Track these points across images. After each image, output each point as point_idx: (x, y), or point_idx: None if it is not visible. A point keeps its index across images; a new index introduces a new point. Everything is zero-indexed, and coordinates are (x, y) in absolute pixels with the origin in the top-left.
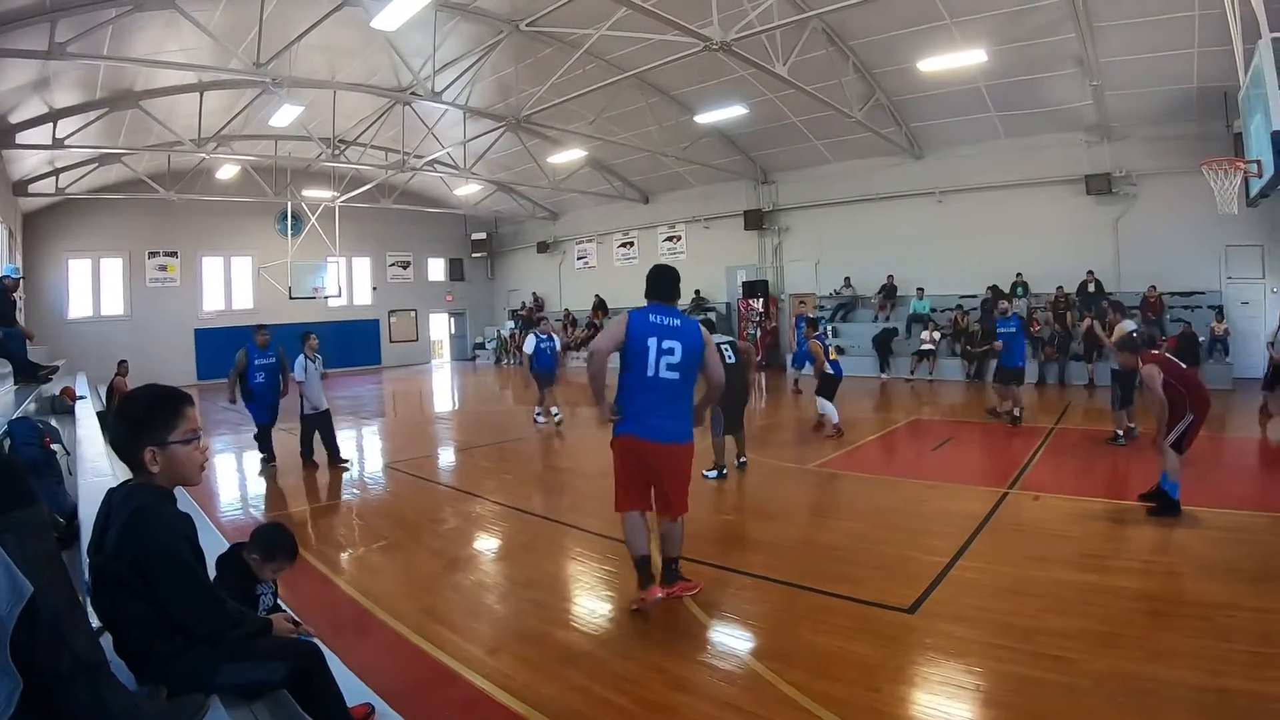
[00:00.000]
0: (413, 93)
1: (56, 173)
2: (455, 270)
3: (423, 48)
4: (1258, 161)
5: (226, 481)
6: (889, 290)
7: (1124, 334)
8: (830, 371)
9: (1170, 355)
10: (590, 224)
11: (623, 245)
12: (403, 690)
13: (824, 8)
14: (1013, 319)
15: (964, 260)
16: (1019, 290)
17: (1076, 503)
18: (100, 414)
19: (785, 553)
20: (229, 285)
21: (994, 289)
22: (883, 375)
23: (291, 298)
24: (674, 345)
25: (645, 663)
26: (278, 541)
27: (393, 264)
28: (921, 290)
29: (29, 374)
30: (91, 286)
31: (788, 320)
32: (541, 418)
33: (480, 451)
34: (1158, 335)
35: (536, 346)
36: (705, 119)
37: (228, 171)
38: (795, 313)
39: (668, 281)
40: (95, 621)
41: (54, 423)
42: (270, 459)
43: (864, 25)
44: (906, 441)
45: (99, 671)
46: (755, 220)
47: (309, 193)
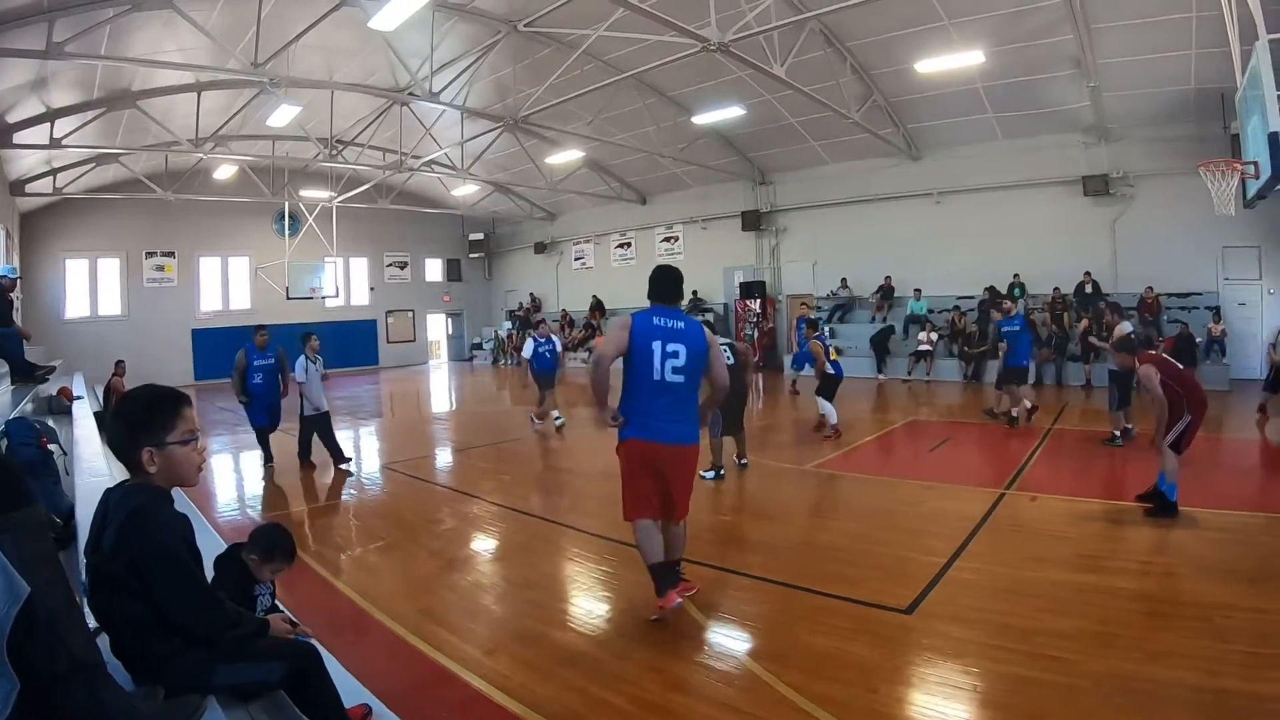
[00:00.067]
0: (410, 93)
1: (54, 172)
2: (453, 271)
3: (420, 48)
4: (1255, 163)
5: (224, 482)
6: (886, 291)
7: (1122, 335)
8: (831, 372)
9: (1167, 356)
10: (588, 224)
11: (620, 246)
12: (400, 691)
13: (822, 8)
14: (1017, 318)
15: (961, 261)
16: (1016, 291)
17: (1074, 503)
18: (97, 414)
19: (783, 553)
20: (226, 285)
21: (991, 290)
22: (880, 376)
23: (289, 298)
24: (679, 348)
25: (643, 663)
26: (276, 542)
27: (390, 264)
28: (919, 291)
29: (26, 374)
30: (89, 286)
31: (785, 321)
32: (538, 420)
33: (478, 452)
34: (1155, 336)
35: (535, 351)
36: (703, 120)
37: (225, 171)
38: (798, 314)
39: (670, 282)
40: (92, 622)
41: (51, 423)
42: (268, 459)
43: (862, 26)
44: (904, 442)
45: (96, 672)
46: (753, 221)
47: (306, 193)
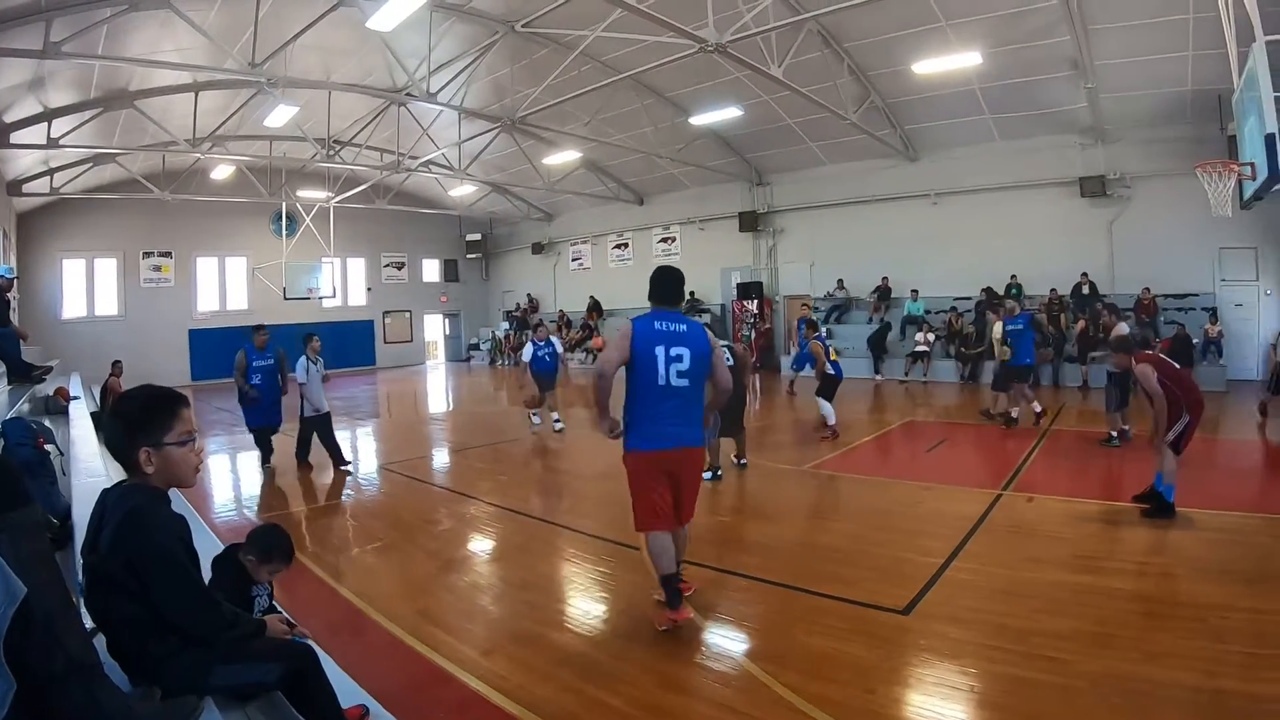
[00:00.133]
0: (408, 93)
1: (51, 172)
2: (450, 271)
3: (418, 48)
4: (1251, 164)
5: (221, 483)
6: (883, 292)
7: (1119, 335)
8: (831, 372)
9: (1164, 356)
10: (585, 225)
11: (617, 247)
12: (397, 691)
13: (820, 9)
14: (1020, 317)
15: (958, 262)
16: (1013, 292)
17: (1071, 504)
18: (94, 414)
19: (780, 554)
20: (223, 286)
21: (988, 291)
22: (877, 377)
23: (286, 298)
24: (682, 351)
25: (640, 664)
26: (274, 543)
27: (387, 265)
28: (916, 292)
29: (23, 374)
30: (86, 287)
31: (782, 322)
32: (537, 418)
33: (475, 453)
34: (1151, 337)
35: (534, 354)
36: (700, 121)
37: (222, 172)
38: (799, 314)
39: (671, 283)
40: (89, 622)
41: (48, 423)
42: (267, 459)
43: (859, 27)
44: (901, 443)
45: (93, 672)
46: (750, 222)
47: (304, 193)
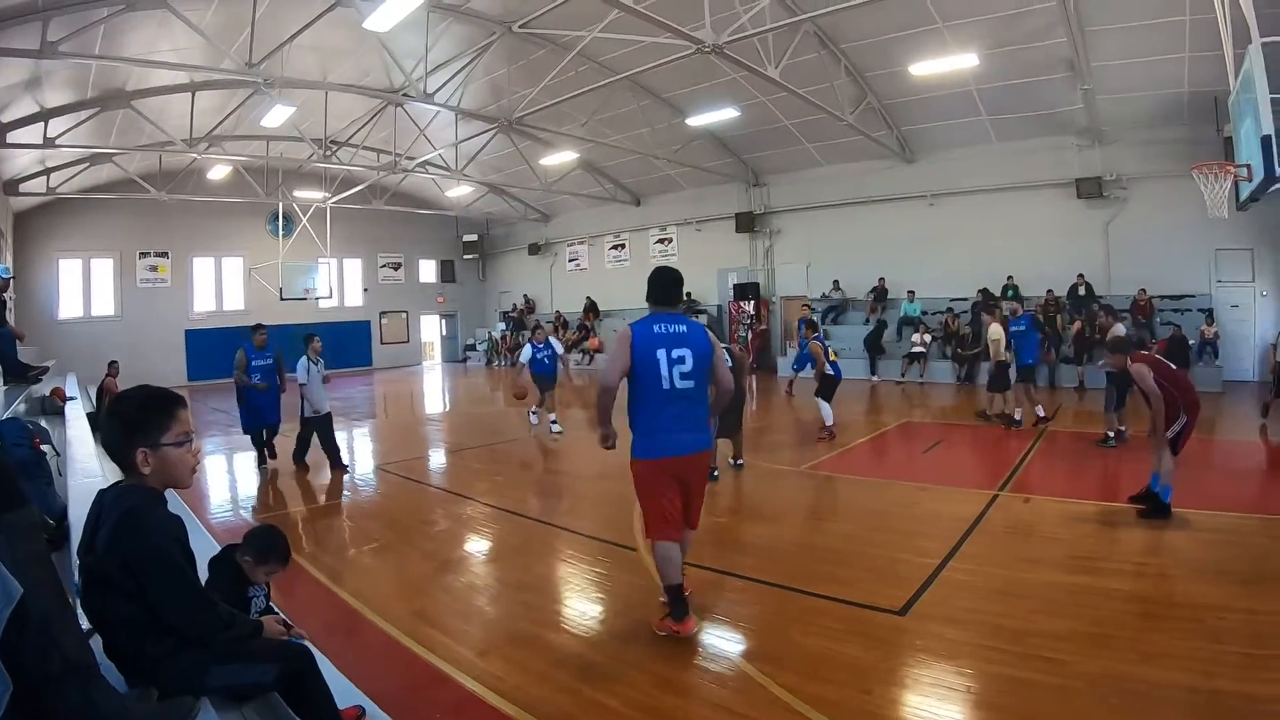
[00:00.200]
0: (405, 94)
1: (47, 172)
2: (446, 272)
3: (415, 49)
4: (1248, 166)
5: (217, 483)
6: (880, 293)
7: (1115, 336)
8: (830, 372)
9: (1160, 357)
10: (582, 226)
11: (614, 247)
12: (393, 692)
13: (817, 11)
14: (1022, 318)
15: (955, 263)
16: (1010, 293)
17: (1067, 505)
18: (90, 415)
19: (777, 555)
20: (220, 286)
21: (984, 292)
22: (873, 378)
23: (283, 299)
24: (684, 353)
25: (637, 665)
26: (271, 544)
27: (384, 265)
28: (912, 293)
29: (19, 374)
30: (82, 287)
31: (779, 323)
32: (535, 418)
33: (471, 453)
34: (1148, 338)
35: (533, 356)
36: (697, 121)
37: (219, 172)
38: (799, 315)
39: (670, 284)
40: (85, 623)
41: (44, 424)
42: (263, 460)
43: (856, 28)
44: (898, 444)
45: (89, 673)
46: (746, 223)
47: (300, 194)
